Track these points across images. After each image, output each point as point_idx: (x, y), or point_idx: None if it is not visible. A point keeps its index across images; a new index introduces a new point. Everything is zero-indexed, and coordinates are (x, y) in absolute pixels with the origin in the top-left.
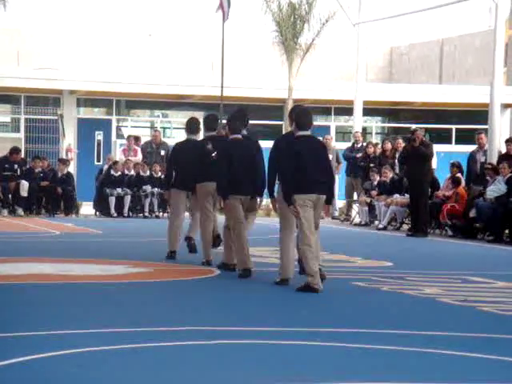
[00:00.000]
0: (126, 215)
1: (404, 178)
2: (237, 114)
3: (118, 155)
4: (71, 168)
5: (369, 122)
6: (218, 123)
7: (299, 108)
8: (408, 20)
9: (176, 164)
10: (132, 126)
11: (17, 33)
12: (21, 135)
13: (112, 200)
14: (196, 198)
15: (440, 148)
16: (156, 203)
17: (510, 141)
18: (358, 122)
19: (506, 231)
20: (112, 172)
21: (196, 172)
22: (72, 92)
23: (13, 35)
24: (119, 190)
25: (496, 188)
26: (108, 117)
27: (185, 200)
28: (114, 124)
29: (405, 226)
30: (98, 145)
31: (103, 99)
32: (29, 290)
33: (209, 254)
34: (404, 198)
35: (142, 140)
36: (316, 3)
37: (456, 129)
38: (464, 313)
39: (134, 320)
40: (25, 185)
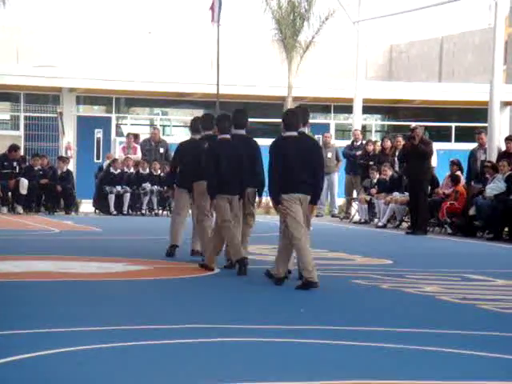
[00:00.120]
0: (126, 213)
1: (403, 176)
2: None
3: (118, 153)
4: (71, 166)
5: (368, 120)
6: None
7: (288, 109)
8: (408, 18)
9: (180, 163)
10: (132, 124)
11: (16, 30)
12: (20, 133)
13: (111, 198)
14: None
15: (440, 146)
16: (155, 201)
17: (510, 139)
18: (358, 120)
19: (506, 229)
20: (111, 170)
21: (193, 171)
22: (71, 90)
23: (12, 33)
24: (119, 188)
25: (495, 186)
26: (107, 115)
27: (188, 199)
28: (114, 122)
29: (404, 224)
30: (98, 143)
31: (103, 97)
32: (28, 288)
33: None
34: (403, 196)
35: (141, 138)
36: (316, 1)
37: (456, 127)
38: (464, 311)
39: (134, 318)
40: (24, 182)
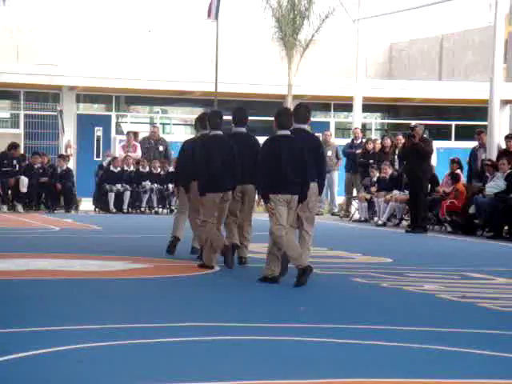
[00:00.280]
0: (126, 211)
1: (403, 175)
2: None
3: (118, 151)
4: (71, 164)
5: (368, 118)
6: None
7: (280, 108)
8: (408, 16)
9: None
10: (131, 122)
11: (16, 28)
12: (20, 131)
13: (111, 196)
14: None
15: (440, 144)
16: (155, 199)
17: (510, 137)
18: (358, 118)
19: (506, 227)
20: (111, 168)
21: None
22: (71, 88)
23: (12, 31)
24: (119, 186)
25: (495, 184)
26: (107, 113)
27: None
28: (114, 120)
29: (404, 223)
30: (98, 141)
31: (103, 95)
32: (28, 286)
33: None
34: (403, 195)
35: (140, 136)
36: None
37: (456, 125)
38: (463, 309)
39: (134, 316)
40: (24, 181)
